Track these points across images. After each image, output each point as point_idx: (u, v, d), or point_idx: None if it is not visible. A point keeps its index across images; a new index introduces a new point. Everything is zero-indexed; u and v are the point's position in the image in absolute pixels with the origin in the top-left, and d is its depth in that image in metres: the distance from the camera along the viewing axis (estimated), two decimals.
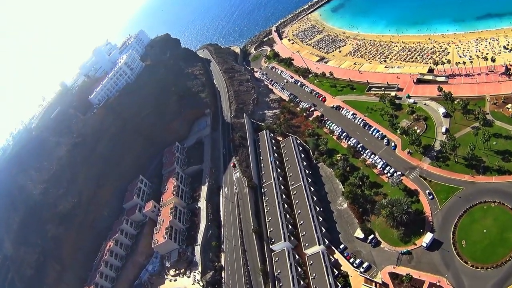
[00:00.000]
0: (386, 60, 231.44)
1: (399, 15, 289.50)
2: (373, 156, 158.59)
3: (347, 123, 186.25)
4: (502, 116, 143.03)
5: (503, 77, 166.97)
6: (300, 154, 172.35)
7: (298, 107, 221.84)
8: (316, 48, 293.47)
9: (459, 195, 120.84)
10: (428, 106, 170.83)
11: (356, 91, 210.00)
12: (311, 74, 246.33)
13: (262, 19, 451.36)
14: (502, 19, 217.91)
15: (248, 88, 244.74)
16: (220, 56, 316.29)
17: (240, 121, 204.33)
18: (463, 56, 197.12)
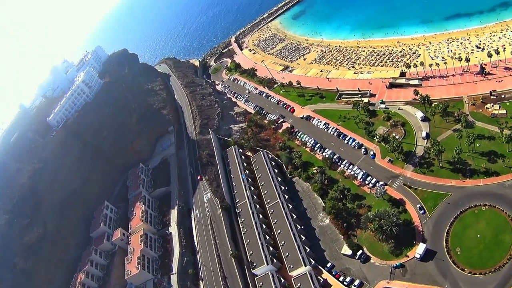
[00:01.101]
0: (354, 66, 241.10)
1: (363, 19, 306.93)
2: (351, 167, 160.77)
3: (320, 134, 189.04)
4: (482, 117, 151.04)
5: (478, 76, 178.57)
6: (273, 170, 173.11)
7: (266, 120, 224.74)
8: (279, 57, 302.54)
9: (447, 201, 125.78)
10: (404, 110, 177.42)
11: (326, 99, 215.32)
12: (276, 84, 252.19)
13: (221, 30, 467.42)
14: (471, 19, 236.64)
15: (212, 102, 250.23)
16: (180, 70, 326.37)
17: (206, 138, 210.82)
18: (435, 58, 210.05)
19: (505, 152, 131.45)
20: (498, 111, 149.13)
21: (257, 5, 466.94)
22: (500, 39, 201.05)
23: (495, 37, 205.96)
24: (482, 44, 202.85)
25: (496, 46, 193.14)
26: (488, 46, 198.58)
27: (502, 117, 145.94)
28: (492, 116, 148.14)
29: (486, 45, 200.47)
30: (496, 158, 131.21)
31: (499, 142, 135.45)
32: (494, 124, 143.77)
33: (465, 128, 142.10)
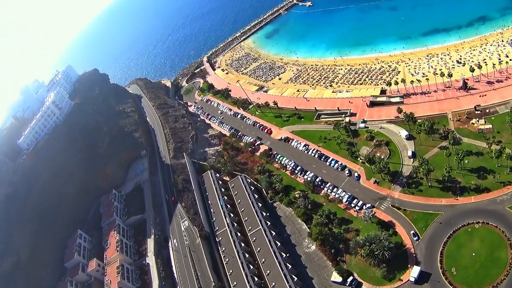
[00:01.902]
0: (332, 85, 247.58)
1: (339, 37, 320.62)
2: (335, 189, 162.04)
3: (300, 156, 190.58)
4: (468, 133, 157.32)
5: (461, 92, 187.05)
6: (253, 195, 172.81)
7: (242, 142, 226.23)
8: (253, 77, 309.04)
9: (439, 220, 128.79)
10: (388, 129, 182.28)
11: (304, 120, 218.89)
12: (251, 105, 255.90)
13: (193, 50, 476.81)
14: (450, 34, 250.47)
15: (185, 124, 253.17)
16: (151, 91, 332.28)
17: (180, 162, 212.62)
18: (416, 74, 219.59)
19: (494, 167, 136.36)
20: (484, 126, 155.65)
21: (229, 24, 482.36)
22: (480, 53, 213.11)
23: (475, 51, 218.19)
24: (463, 59, 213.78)
25: (477, 60, 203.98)
26: (469, 61, 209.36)
27: (488, 132, 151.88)
28: (479, 132, 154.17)
29: (467, 60, 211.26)
30: (486, 174, 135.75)
31: (487, 157, 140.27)
32: (481, 139, 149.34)
33: (453, 145, 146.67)
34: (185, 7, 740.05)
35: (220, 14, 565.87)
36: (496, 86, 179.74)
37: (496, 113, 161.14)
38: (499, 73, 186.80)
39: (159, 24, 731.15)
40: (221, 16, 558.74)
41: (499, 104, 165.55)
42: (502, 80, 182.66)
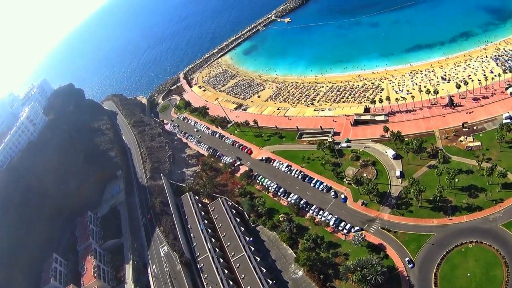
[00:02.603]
0: (313, 103, 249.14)
1: (319, 54, 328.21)
2: (321, 212, 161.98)
3: (282, 177, 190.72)
4: (457, 151, 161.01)
5: (447, 109, 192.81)
6: (234, 219, 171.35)
7: (221, 163, 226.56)
8: (232, 95, 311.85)
9: (431, 242, 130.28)
10: (373, 149, 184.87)
11: (285, 139, 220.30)
12: (230, 124, 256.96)
13: (170, 65, 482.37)
14: (433, 50, 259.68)
15: (162, 143, 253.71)
16: (127, 107, 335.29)
17: (157, 183, 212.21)
18: (400, 91, 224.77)
19: (485, 185, 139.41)
20: (473, 143, 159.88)
21: (207, 40, 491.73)
22: (465, 70, 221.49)
23: (459, 67, 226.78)
24: (447, 76, 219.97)
25: (462, 76, 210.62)
26: (454, 77, 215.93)
27: (477, 149, 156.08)
28: (467, 149, 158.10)
29: (452, 76, 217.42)
30: (477, 192, 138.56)
31: (478, 175, 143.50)
32: (471, 157, 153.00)
33: (442, 163, 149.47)
34: (162, 22, 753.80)
35: (197, 30, 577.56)
36: (482, 102, 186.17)
37: (484, 130, 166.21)
38: (484, 89, 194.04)
39: (135, 39, 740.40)
40: (198, 31, 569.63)
41: (487, 121, 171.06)
42: (488, 96, 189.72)
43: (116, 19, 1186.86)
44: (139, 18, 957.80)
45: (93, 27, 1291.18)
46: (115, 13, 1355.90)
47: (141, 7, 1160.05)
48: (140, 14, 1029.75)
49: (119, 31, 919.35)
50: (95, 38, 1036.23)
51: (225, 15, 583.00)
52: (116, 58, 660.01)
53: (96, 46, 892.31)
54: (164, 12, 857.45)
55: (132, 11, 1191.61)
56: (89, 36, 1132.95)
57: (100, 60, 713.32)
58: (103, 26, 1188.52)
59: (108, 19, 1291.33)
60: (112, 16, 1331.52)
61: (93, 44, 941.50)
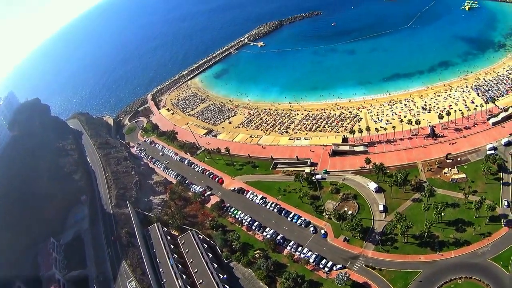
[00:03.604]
0: (288, 131, 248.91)
1: (293, 80, 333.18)
2: (300, 248, 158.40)
3: (257, 210, 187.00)
4: (442, 183, 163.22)
5: (429, 140, 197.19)
6: (206, 254, 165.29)
7: (190, 191, 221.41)
8: (201, 119, 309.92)
9: (419, 279, 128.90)
10: (354, 181, 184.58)
11: (259, 169, 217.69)
12: (200, 150, 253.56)
13: (139, 85, 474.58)
14: (412, 79, 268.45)
15: (128, 168, 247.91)
16: (93, 127, 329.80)
17: (123, 212, 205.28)
18: (379, 121, 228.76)
19: (472, 219, 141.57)
20: (458, 175, 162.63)
21: (178, 61, 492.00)
22: (445, 99, 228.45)
23: (440, 97, 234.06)
24: (428, 106, 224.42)
25: (443, 106, 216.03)
26: (434, 107, 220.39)
27: (462, 181, 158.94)
28: (453, 182, 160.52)
29: (433, 106, 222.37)
30: (465, 226, 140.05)
31: (464, 209, 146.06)
32: (456, 190, 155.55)
33: (428, 197, 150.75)
34: (134, 40, 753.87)
35: (169, 50, 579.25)
36: (465, 133, 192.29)
37: (468, 162, 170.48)
38: (466, 120, 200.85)
39: (106, 55, 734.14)
40: (170, 52, 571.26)
41: (470, 152, 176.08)
42: (470, 127, 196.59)
43: (89, 33, 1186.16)
44: (112, 34, 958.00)
45: (64, 41, 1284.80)
46: (88, 27, 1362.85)
47: (114, 23, 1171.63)
48: (113, 30, 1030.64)
49: (91, 47, 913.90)
50: (65, 51, 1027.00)
51: (198, 36, 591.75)
52: (86, 74, 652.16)
53: (66, 60, 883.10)
54: (137, 30, 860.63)
55: (105, 26, 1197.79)
56: (60, 49, 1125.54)
57: (69, 75, 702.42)
58: (74, 40, 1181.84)
59: (81, 33, 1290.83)
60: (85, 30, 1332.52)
61: (63, 57, 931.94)
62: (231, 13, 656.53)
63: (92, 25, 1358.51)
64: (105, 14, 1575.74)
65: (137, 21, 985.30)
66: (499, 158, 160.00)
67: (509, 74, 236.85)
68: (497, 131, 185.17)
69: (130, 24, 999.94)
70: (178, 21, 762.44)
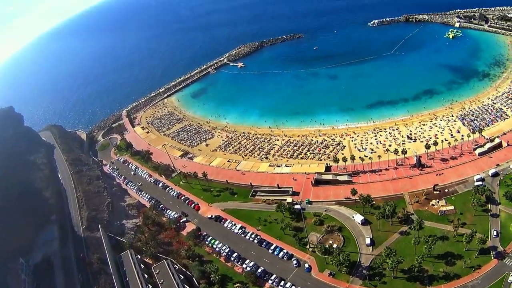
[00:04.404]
0: (268, 157, 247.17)
1: (274, 104, 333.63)
2: (283, 283, 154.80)
3: (236, 240, 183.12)
4: (430, 215, 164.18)
5: (415, 170, 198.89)
6: (183, 285, 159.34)
7: (164, 217, 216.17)
8: (177, 140, 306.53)
9: None
10: (338, 212, 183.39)
11: (238, 196, 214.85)
12: (175, 173, 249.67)
13: (115, 100, 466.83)
14: (396, 107, 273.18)
15: (100, 188, 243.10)
16: (65, 142, 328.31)
17: (95, 236, 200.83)
18: (363, 150, 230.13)
19: (462, 252, 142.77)
20: (446, 207, 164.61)
21: (156, 78, 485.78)
22: (431, 129, 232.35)
23: (425, 126, 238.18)
24: (413, 135, 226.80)
25: (429, 136, 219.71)
26: (420, 137, 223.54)
27: (451, 213, 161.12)
28: (441, 214, 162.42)
29: (418, 136, 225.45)
30: (454, 260, 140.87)
31: (453, 241, 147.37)
32: (445, 222, 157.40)
33: (418, 230, 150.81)
34: (112, 54, 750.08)
35: (147, 66, 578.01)
36: (451, 163, 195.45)
37: (456, 193, 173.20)
38: (453, 150, 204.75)
39: (86, 67, 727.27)
40: (148, 67, 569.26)
41: (458, 183, 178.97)
42: (456, 157, 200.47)
43: (69, 43, 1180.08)
44: (92, 46, 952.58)
45: (45, 47, 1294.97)
46: (68, 37, 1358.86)
47: (95, 35, 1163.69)
48: (93, 42, 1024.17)
49: (70, 56, 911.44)
50: (44, 59, 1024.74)
51: (177, 53, 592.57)
52: (62, 84, 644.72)
53: (44, 68, 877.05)
54: (117, 44, 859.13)
55: (86, 37, 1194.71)
56: (39, 57, 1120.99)
57: (45, 85, 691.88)
58: (53, 49, 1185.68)
59: (63, 41, 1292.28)
60: (66, 38, 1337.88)
61: (42, 65, 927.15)
62: (211, 32, 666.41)
63: (73, 35, 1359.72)
64: (87, 24, 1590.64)
65: (118, 35, 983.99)
66: (487, 190, 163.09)
67: (493, 104, 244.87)
68: (484, 161, 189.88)
69: (110, 37, 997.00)
70: (158, 37, 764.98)
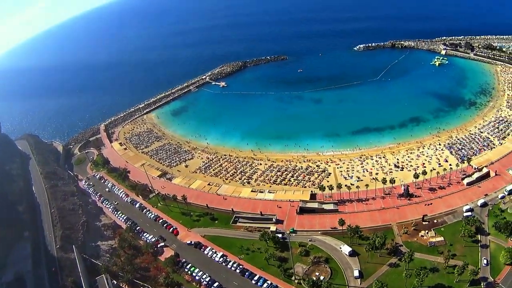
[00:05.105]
0: (250, 182, 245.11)
1: (257, 126, 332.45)
2: None
3: (217, 269, 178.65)
4: (419, 246, 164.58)
5: (402, 199, 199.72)
6: None
7: (141, 240, 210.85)
8: (155, 159, 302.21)
9: None
10: (324, 242, 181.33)
11: (218, 222, 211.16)
12: (153, 194, 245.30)
13: (94, 113, 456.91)
14: (383, 134, 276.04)
15: (75, 205, 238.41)
16: (41, 153, 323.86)
17: (69, 257, 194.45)
18: (349, 178, 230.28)
19: (452, 283, 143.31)
20: (435, 238, 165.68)
21: (137, 92, 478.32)
22: (418, 157, 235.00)
23: (412, 154, 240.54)
24: (400, 163, 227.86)
25: (416, 164, 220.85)
26: (407, 165, 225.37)
27: (441, 245, 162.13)
28: (431, 245, 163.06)
29: (405, 164, 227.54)
30: None
31: (444, 273, 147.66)
32: (434, 253, 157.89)
33: (408, 262, 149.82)
34: (95, 65, 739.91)
35: (128, 80, 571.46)
36: (440, 193, 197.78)
37: (445, 224, 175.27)
38: (441, 179, 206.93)
39: (71, 75, 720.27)
40: (129, 81, 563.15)
41: (447, 213, 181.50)
42: (444, 186, 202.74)
43: (56, 49, 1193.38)
44: (78, 54, 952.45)
45: (31, 51, 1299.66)
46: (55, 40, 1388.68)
47: (83, 43, 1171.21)
48: (80, 49, 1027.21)
49: (54, 61, 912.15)
50: (28, 63, 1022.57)
51: (160, 69, 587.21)
52: (44, 92, 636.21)
53: (29, 72, 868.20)
54: (101, 55, 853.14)
55: (76, 43, 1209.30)
56: (24, 61, 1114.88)
57: (25, 90, 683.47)
58: (37, 54, 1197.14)
59: (51, 44, 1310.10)
60: (54, 42, 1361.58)
61: (27, 69, 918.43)
62: (195, 49, 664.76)
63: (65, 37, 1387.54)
64: (75, 31, 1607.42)
65: (104, 46, 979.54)
66: (477, 220, 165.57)
67: (480, 133, 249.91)
68: (473, 191, 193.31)
69: (96, 47, 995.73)
70: (143, 51, 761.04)
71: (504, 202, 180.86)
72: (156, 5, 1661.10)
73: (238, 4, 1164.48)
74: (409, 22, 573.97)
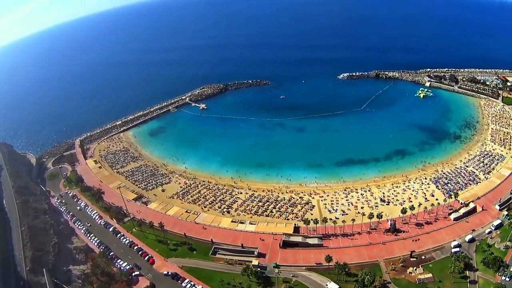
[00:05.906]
0: (230, 211, 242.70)
1: (237, 153, 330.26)
2: None
3: None
4: (407, 284, 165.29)
5: (389, 235, 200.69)
6: None
7: (115, 267, 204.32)
8: (131, 181, 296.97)
9: None
10: (309, 279, 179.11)
11: (197, 253, 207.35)
12: (128, 218, 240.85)
13: (71, 126, 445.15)
14: (368, 167, 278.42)
15: (46, 224, 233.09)
16: (14, 164, 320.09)
17: (39, 281, 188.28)
18: (333, 211, 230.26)
19: None
20: (424, 275, 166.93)
21: (117, 109, 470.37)
22: (404, 191, 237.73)
23: (398, 188, 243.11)
24: (386, 197, 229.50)
25: (402, 199, 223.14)
26: (393, 199, 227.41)
27: (429, 281, 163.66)
28: (419, 282, 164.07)
29: (391, 198, 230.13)
30: None
31: None
32: None
33: None
34: (75, 78, 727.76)
35: (107, 96, 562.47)
36: (427, 228, 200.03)
37: (433, 260, 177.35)
38: (427, 214, 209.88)
39: (53, 83, 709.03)
40: (108, 97, 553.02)
41: (435, 249, 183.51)
42: (431, 221, 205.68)
43: (36, 54, 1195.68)
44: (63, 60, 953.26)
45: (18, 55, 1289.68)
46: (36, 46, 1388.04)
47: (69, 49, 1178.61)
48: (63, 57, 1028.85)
49: (36, 70, 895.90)
50: (8, 68, 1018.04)
51: (140, 86, 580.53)
52: (24, 96, 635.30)
53: (9, 76, 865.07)
54: (80, 67, 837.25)
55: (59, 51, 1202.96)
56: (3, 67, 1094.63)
57: (3, 96, 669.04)
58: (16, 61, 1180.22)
59: (31, 51, 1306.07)
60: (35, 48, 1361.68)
61: (8, 72, 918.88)
62: (175, 69, 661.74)
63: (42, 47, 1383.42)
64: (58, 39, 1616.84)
65: (82, 57, 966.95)
66: (465, 256, 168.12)
67: (466, 167, 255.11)
68: (460, 226, 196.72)
69: (73, 59, 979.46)
70: (122, 67, 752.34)
71: (491, 237, 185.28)
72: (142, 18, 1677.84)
73: (221, 25, 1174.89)
74: (394, 53, 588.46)
